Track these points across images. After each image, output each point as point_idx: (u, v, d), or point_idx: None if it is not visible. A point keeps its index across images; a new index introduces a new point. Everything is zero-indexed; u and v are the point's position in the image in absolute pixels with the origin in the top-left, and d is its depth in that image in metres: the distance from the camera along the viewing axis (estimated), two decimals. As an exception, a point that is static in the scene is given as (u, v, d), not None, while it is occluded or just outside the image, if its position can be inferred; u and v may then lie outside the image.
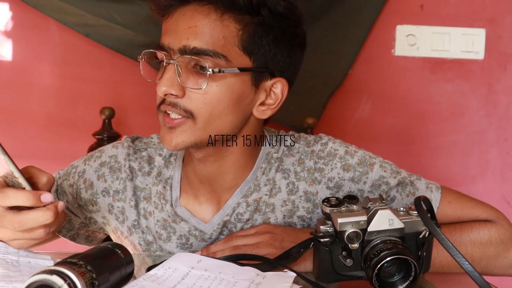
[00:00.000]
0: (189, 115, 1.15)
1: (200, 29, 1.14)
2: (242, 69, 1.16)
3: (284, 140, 1.30)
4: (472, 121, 2.36)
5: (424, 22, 2.32)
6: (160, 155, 1.31)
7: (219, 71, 1.14)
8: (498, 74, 2.35)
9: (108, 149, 1.33)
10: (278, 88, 1.21)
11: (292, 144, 1.30)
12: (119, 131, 2.17)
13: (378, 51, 2.33)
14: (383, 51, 2.33)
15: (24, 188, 1.03)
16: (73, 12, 2.16)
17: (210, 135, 1.17)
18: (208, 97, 1.15)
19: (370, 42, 2.32)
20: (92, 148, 2.10)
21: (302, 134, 1.33)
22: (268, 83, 1.20)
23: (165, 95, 1.16)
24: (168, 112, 1.17)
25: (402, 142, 2.36)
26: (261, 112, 1.22)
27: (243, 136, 1.23)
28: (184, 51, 1.14)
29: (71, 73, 2.27)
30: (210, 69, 1.13)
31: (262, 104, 1.21)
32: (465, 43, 2.32)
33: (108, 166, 1.31)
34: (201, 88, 1.14)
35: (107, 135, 2.13)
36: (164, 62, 1.16)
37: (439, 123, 2.36)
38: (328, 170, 1.26)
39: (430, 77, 2.34)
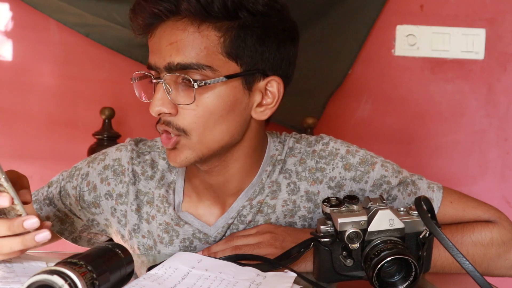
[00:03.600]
0: (181, 132, 1.15)
1: (180, 44, 1.13)
2: (229, 76, 1.14)
3: (287, 142, 1.30)
4: (472, 121, 2.36)
5: (424, 22, 2.32)
6: (164, 158, 1.31)
7: (205, 84, 1.12)
8: (498, 74, 2.35)
9: (112, 152, 1.33)
10: (273, 87, 1.19)
11: (294, 144, 1.30)
12: (119, 131, 2.17)
13: (378, 51, 2.33)
14: (383, 51, 2.33)
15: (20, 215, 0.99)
16: (73, 12, 2.16)
17: (210, 147, 1.17)
18: (200, 111, 1.14)
19: (370, 42, 2.32)
20: (92, 148, 2.10)
21: (303, 134, 1.33)
22: (262, 83, 1.19)
23: (159, 114, 1.16)
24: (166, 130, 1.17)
25: (402, 142, 2.36)
26: (260, 114, 1.20)
27: (247, 141, 1.23)
28: (169, 68, 1.14)
29: (71, 73, 2.27)
30: (195, 83, 1.12)
31: (260, 105, 1.20)
32: (465, 43, 2.32)
33: (112, 169, 1.30)
34: (191, 103, 1.13)
35: (107, 135, 2.13)
36: (153, 81, 1.16)
37: (439, 123, 2.36)
38: (329, 169, 1.26)
39: (430, 77, 2.34)
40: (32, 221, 0.97)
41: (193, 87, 1.12)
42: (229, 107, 1.16)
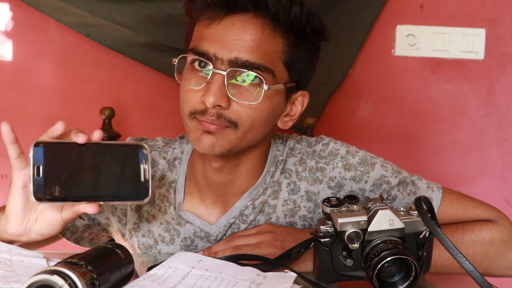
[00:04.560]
0: (232, 125, 1.15)
1: (254, 43, 1.13)
2: (285, 85, 1.18)
3: (288, 142, 1.31)
4: (472, 121, 2.36)
5: (424, 22, 2.32)
6: (164, 158, 1.31)
7: (269, 87, 1.14)
8: (498, 74, 2.35)
9: None
10: (299, 100, 1.24)
11: (295, 145, 1.31)
12: (119, 131, 2.17)
13: (378, 51, 2.33)
14: (383, 51, 2.33)
15: None
16: (73, 12, 2.16)
17: (243, 145, 1.18)
18: (251, 110, 1.15)
19: (370, 42, 2.31)
20: (92, 148, 2.10)
21: (304, 136, 1.35)
22: (294, 95, 1.23)
23: (213, 107, 1.13)
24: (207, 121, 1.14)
25: (402, 142, 2.36)
26: (285, 123, 1.24)
27: (262, 144, 1.24)
28: (235, 63, 1.13)
29: (71, 73, 2.27)
30: (267, 86, 1.13)
31: (286, 115, 1.23)
32: (465, 43, 2.32)
33: None
34: (252, 103, 1.13)
35: (107, 135, 2.13)
36: (211, 71, 1.13)
37: (439, 123, 2.36)
38: (329, 169, 1.26)
39: (430, 77, 2.34)
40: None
41: (263, 88, 1.13)
42: (273, 112, 1.19)
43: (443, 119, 2.36)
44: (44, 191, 0.96)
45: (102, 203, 1.01)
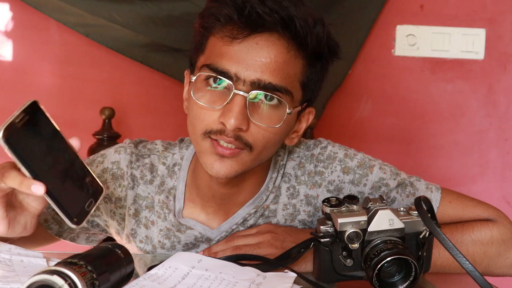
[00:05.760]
0: (247, 147, 1.12)
1: (277, 65, 1.10)
2: (301, 105, 1.17)
3: (287, 146, 1.31)
4: (472, 121, 2.36)
5: (424, 22, 2.32)
6: (163, 164, 1.29)
7: (291, 112, 1.12)
8: (498, 74, 2.35)
9: (111, 154, 1.30)
10: (305, 117, 1.23)
11: (294, 148, 1.30)
12: (119, 131, 2.17)
13: (378, 51, 2.33)
14: (383, 51, 2.33)
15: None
16: (73, 12, 2.16)
17: (255, 165, 1.17)
18: (268, 133, 1.13)
19: (370, 42, 2.32)
20: (92, 148, 2.10)
21: (302, 138, 1.33)
22: (303, 113, 1.21)
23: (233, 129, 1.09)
24: (222, 141, 1.11)
25: (402, 142, 2.36)
26: (291, 140, 1.23)
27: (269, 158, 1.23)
28: (257, 84, 1.09)
29: (71, 73, 2.27)
30: (289, 110, 1.12)
31: (293, 132, 1.22)
32: (465, 43, 2.32)
33: (111, 172, 1.28)
34: (273, 126, 1.11)
35: (107, 135, 2.13)
36: (233, 91, 1.09)
37: (439, 123, 2.36)
38: (328, 173, 1.26)
39: (430, 77, 2.34)
40: (38, 188, 0.87)
41: (286, 112, 1.12)
42: (286, 133, 1.18)
43: (443, 119, 2.36)
44: None
45: (45, 193, 0.90)
